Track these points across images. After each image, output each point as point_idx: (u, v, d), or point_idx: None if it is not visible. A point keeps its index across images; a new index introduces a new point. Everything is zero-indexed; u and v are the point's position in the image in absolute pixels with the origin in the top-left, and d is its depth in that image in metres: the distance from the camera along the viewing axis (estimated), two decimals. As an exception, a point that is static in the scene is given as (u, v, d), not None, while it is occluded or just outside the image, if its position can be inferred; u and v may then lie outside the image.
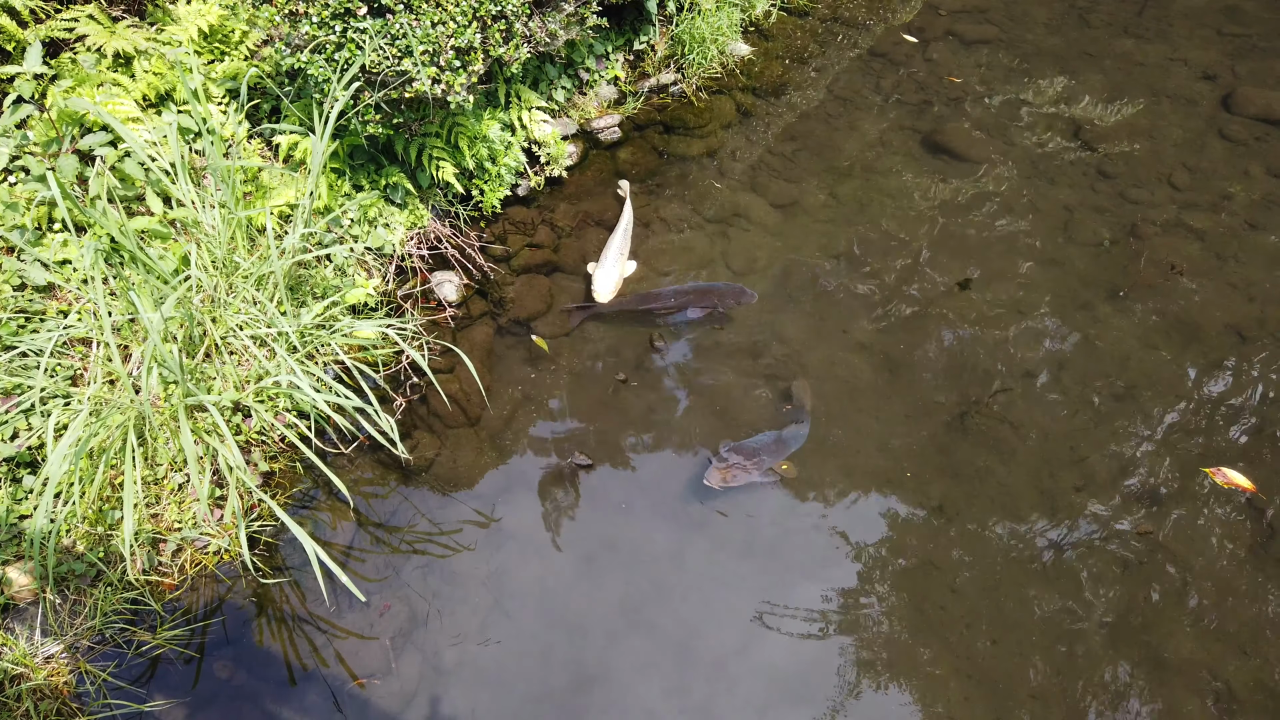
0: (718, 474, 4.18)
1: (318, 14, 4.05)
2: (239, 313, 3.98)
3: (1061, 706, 3.74)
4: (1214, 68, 7.35)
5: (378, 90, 4.23)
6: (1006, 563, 4.18)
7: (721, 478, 4.17)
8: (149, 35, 4.48)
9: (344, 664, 3.69)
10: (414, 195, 5.08)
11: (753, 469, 4.21)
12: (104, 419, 3.47)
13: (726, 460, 4.23)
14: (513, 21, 4.50)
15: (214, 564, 3.84)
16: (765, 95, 6.81)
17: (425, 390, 4.61)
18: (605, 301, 5.09)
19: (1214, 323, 5.25)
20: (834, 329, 5.12)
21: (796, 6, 7.73)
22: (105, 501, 3.66)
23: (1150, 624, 3.98)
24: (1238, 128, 6.71)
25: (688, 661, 3.84)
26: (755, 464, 4.21)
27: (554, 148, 5.67)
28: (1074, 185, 6.19)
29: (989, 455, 4.56)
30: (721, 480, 4.16)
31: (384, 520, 4.17)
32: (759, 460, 4.23)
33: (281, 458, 4.20)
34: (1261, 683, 3.81)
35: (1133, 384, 4.91)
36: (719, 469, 4.19)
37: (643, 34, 6.48)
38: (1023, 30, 7.75)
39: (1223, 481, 4.40)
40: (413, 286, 5.03)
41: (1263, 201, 6.10)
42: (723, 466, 4.20)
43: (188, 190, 4.09)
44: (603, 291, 5.10)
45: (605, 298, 5.09)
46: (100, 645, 3.52)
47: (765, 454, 4.29)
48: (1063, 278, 5.52)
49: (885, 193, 6.07)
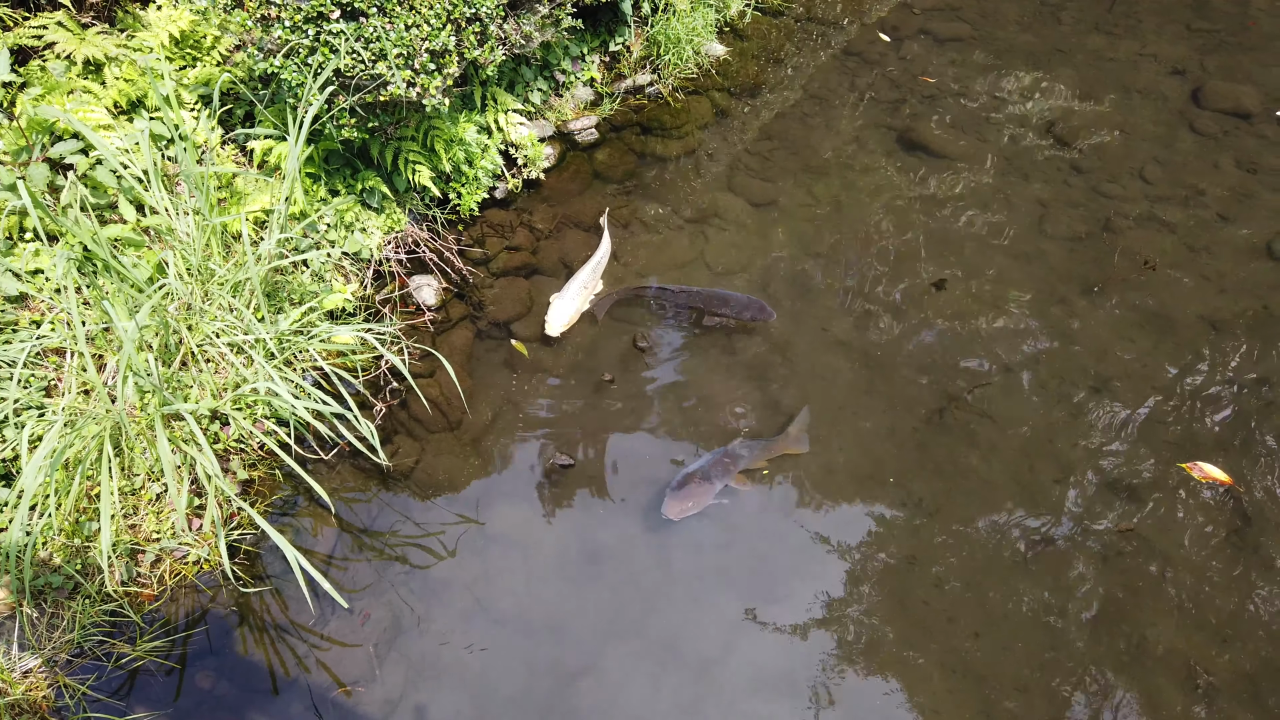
0: (674, 505, 4.12)
1: (290, 18, 4.02)
2: (215, 320, 3.95)
3: (1045, 698, 3.77)
4: (1183, 63, 7.44)
5: (352, 94, 4.21)
6: (988, 556, 4.21)
7: (679, 508, 4.10)
8: (119, 42, 4.44)
9: (328, 671, 3.67)
10: (391, 199, 5.06)
11: (707, 493, 4.16)
12: (79, 430, 3.44)
13: (680, 489, 4.16)
14: (487, 24, 4.49)
15: (194, 574, 3.81)
16: (741, 95, 6.83)
17: (405, 395, 4.59)
18: (555, 335, 4.91)
19: (1187, 315, 5.31)
20: (814, 327, 5.14)
21: (771, 6, 7.76)
22: (82, 513, 3.62)
23: (1130, 614, 4.02)
24: (1207, 122, 6.79)
25: (673, 661, 3.84)
26: (707, 488, 4.17)
27: (531, 150, 5.66)
28: (1048, 180, 6.25)
29: (969, 450, 4.60)
30: (680, 510, 4.10)
31: (366, 526, 4.15)
32: (710, 484, 4.19)
33: (261, 465, 4.17)
34: (1241, 670, 3.86)
35: (1109, 376, 4.96)
36: (674, 500, 4.13)
37: (618, 35, 6.48)
38: (995, 28, 7.81)
39: (1199, 476, 4.45)
40: (391, 291, 5.00)
41: (1233, 194, 6.18)
42: (677, 496, 4.14)
43: (161, 197, 4.06)
44: (556, 325, 4.92)
45: (556, 331, 4.91)
46: (79, 658, 3.48)
47: (716, 474, 4.24)
48: (1038, 272, 5.57)
49: (862, 191, 6.10)
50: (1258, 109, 6.87)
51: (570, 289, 5.07)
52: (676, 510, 4.10)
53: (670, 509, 4.10)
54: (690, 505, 4.12)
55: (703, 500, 4.13)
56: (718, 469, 4.26)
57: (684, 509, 4.10)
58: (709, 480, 4.18)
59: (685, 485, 4.16)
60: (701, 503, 4.14)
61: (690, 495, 4.12)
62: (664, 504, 4.12)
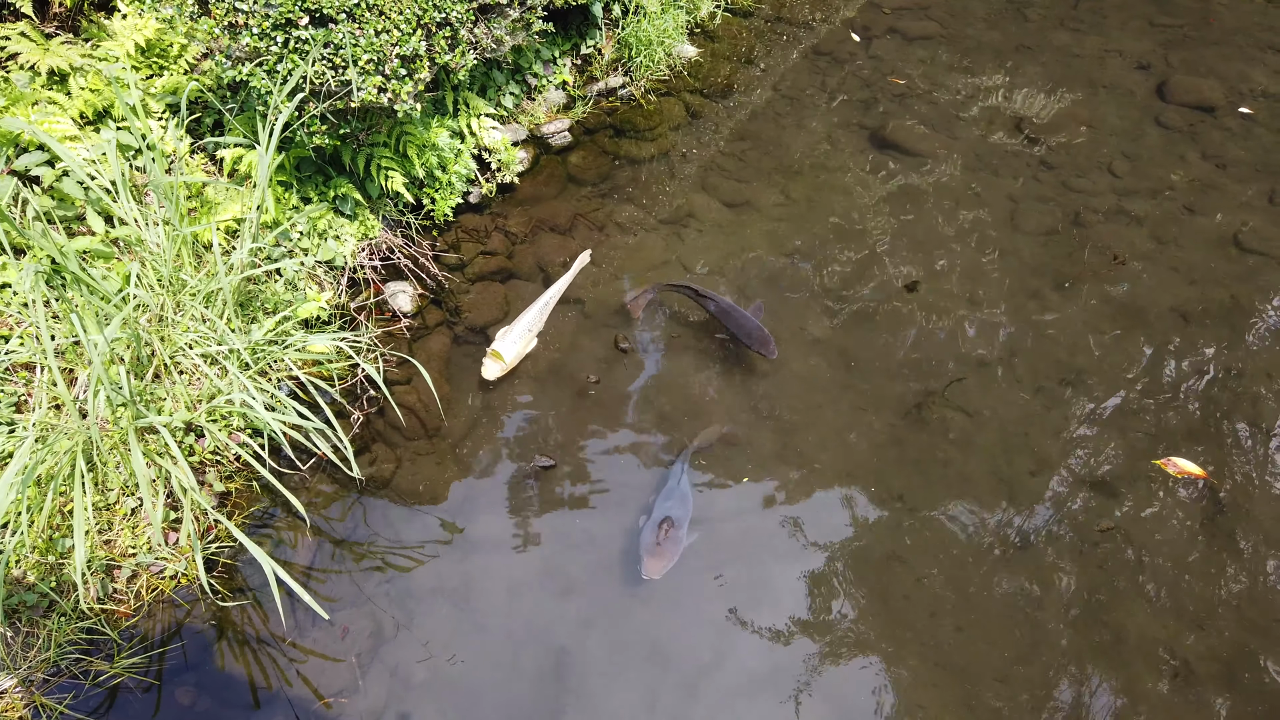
0: (655, 563, 3.94)
1: (258, 25, 3.98)
2: (188, 331, 3.90)
3: (1027, 688, 3.80)
4: (1148, 58, 7.55)
5: (323, 100, 4.18)
6: (968, 550, 4.24)
7: (660, 566, 3.94)
8: (84, 51, 4.39)
9: (309, 684, 3.63)
10: (364, 206, 5.03)
11: (678, 542, 4.02)
12: (51, 445, 3.39)
13: (656, 547, 3.98)
14: (458, 28, 4.47)
15: (171, 589, 3.76)
16: (713, 96, 6.85)
17: (383, 403, 4.56)
18: (491, 380, 4.69)
19: (1158, 306, 5.39)
20: (791, 325, 5.16)
21: (741, 7, 7.79)
22: (55, 530, 3.57)
23: (1108, 603, 4.07)
24: (1173, 115, 6.89)
25: (658, 662, 3.84)
26: (677, 536, 4.01)
27: (504, 154, 5.64)
28: (1018, 176, 6.32)
29: (946, 445, 4.63)
30: (661, 569, 3.94)
31: (345, 537, 4.12)
32: (677, 530, 4.03)
33: (238, 477, 4.13)
34: (1216, 655, 3.91)
35: (1082, 369, 5.02)
36: (652, 559, 3.94)
37: (589, 38, 6.48)
38: (963, 25, 7.89)
39: (1175, 471, 4.50)
40: (366, 298, 4.97)
41: (1199, 186, 6.28)
42: (656, 555, 3.96)
43: (130, 208, 4.01)
44: (494, 369, 4.66)
45: (494, 375, 4.66)
46: (56, 677, 3.43)
47: (677, 518, 4.07)
48: (1011, 267, 5.62)
49: (835, 189, 6.14)
50: (1221, 102, 6.98)
51: (518, 327, 4.77)
52: (658, 569, 3.94)
53: (651, 569, 3.93)
54: (669, 561, 3.96)
55: (677, 550, 4.00)
56: (677, 512, 4.10)
57: (664, 566, 3.95)
58: (676, 526, 4.04)
59: (658, 542, 3.97)
60: (677, 552, 4.00)
61: (666, 552, 3.96)
62: (642, 566, 3.94)
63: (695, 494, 4.34)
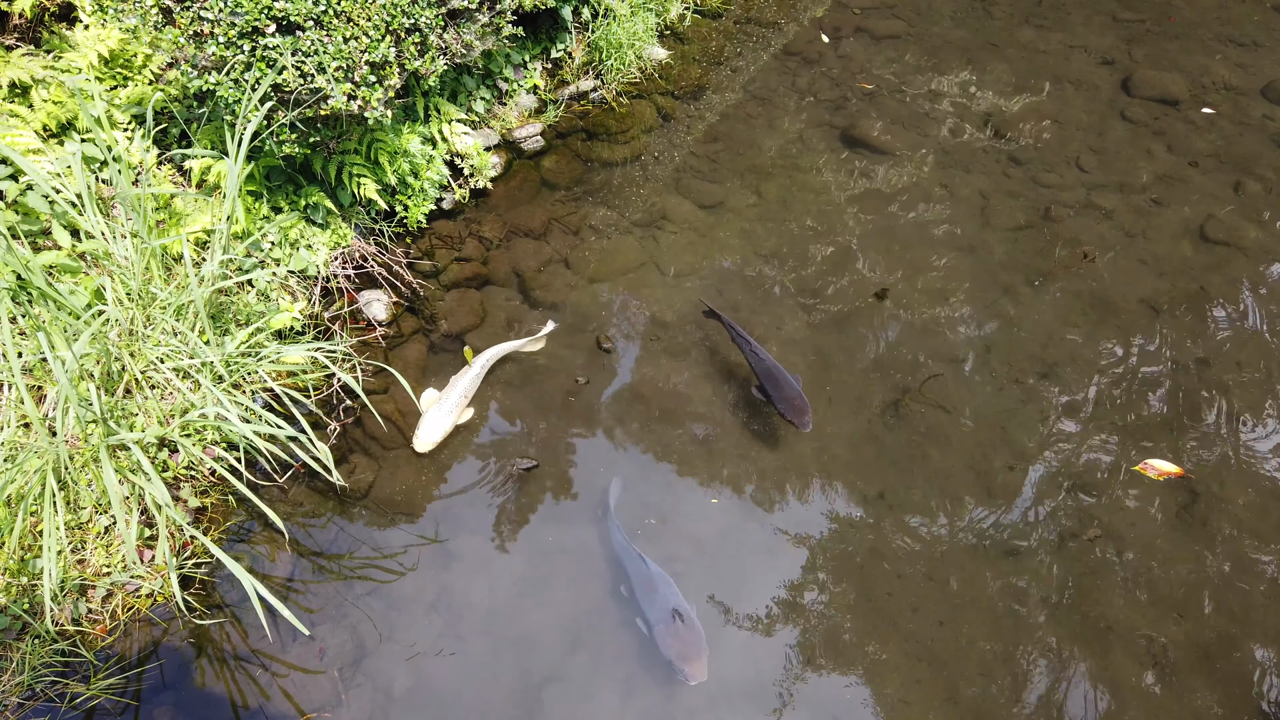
0: (697, 665, 3.66)
1: (224, 34, 3.93)
2: (159, 345, 3.85)
3: (1009, 680, 3.83)
4: (1112, 53, 7.64)
5: (292, 109, 4.14)
6: (949, 545, 4.27)
7: (703, 663, 3.68)
8: (46, 63, 4.32)
9: (290, 700, 3.59)
10: (336, 214, 4.98)
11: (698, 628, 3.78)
12: (20, 465, 3.32)
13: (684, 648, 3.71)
14: (427, 34, 4.44)
15: (147, 607, 3.70)
16: (685, 98, 6.86)
17: (360, 413, 4.52)
18: (424, 452, 4.42)
19: (1128, 298, 5.45)
20: (768, 325, 5.17)
21: (710, 9, 7.81)
22: (27, 550, 3.50)
23: (1088, 594, 4.11)
24: (1138, 109, 6.99)
25: (639, 668, 3.83)
26: (693, 623, 3.78)
27: (477, 159, 5.61)
28: (988, 172, 6.37)
29: (924, 441, 4.66)
30: (704, 664, 3.67)
31: (324, 549, 4.07)
32: (691, 618, 3.79)
33: (213, 491, 4.07)
34: (1194, 642, 3.96)
35: (1056, 362, 5.07)
36: (692, 663, 3.66)
37: (559, 42, 6.47)
38: (929, 24, 7.95)
39: (1155, 474, 4.54)
40: (340, 307, 4.93)
41: (1165, 179, 6.37)
42: (689, 658, 3.70)
43: (97, 221, 3.94)
44: (427, 439, 4.42)
45: (426, 448, 4.41)
46: (31, 701, 3.36)
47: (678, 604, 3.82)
48: (983, 263, 5.67)
49: (808, 189, 6.16)
50: (1185, 95, 7.09)
51: (448, 401, 4.55)
52: (703, 667, 3.66)
53: (697, 673, 3.65)
54: (704, 649, 3.71)
55: (701, 635, 3.75)
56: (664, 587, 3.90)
57: (705, 657, 3.69)
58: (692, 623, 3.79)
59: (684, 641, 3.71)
60: (703, 637, 3.75)
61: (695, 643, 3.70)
62: (686, 675, 3.64)
63: (669, 492, 4.34)
